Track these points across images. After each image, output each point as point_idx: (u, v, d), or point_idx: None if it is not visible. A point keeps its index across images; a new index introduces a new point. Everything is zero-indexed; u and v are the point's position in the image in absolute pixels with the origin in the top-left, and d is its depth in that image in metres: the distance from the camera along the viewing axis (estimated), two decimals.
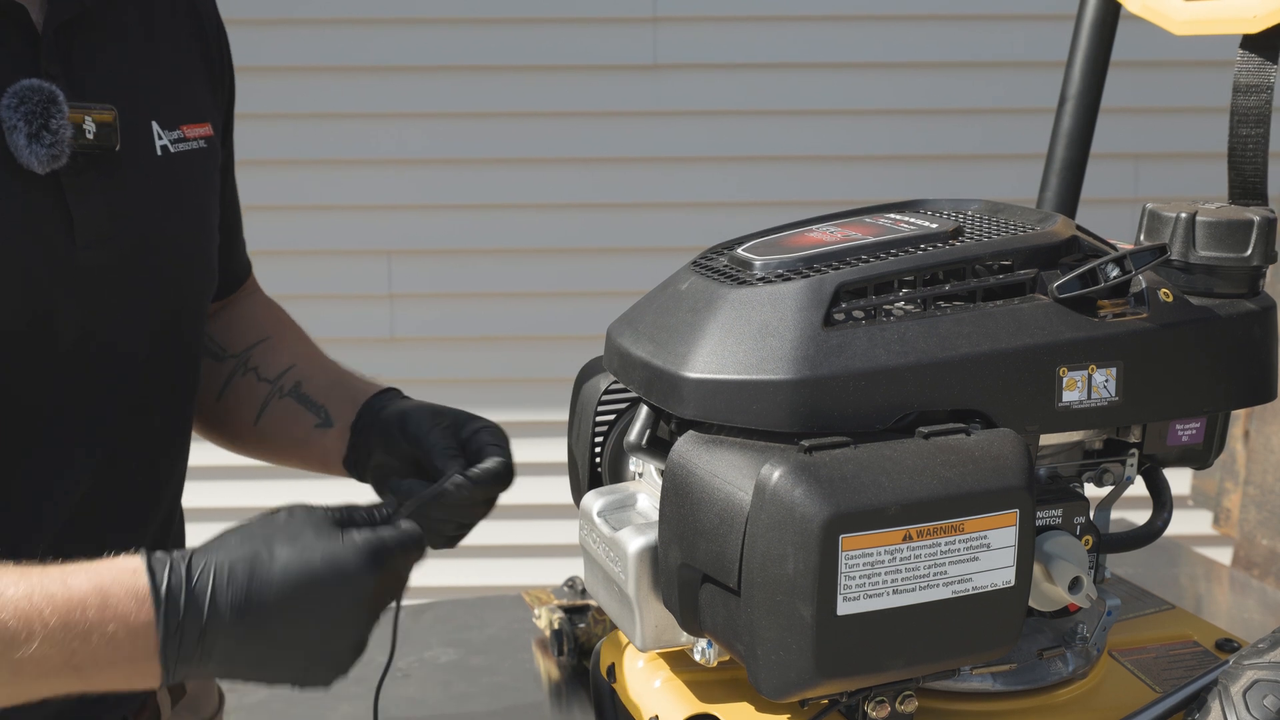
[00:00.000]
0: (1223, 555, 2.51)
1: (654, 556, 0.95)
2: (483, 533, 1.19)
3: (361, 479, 1.23)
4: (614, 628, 1.07)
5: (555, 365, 2.12)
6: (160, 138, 1.12)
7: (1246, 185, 1.08)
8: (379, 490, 1.19)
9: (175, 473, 1.21)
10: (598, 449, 1.08)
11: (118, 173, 1.07)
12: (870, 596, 0.83)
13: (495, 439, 1.14)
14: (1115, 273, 0.94)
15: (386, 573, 0.91)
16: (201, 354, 1.24)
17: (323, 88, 3.24)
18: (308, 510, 0.92)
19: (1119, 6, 1.33)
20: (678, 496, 0.91)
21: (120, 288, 1.08)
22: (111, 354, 1.09)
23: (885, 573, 0.84)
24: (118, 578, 0.86)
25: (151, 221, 1.11)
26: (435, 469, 1.11)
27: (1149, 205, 1.04)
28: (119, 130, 1.06)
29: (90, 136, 1.03)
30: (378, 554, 0.90)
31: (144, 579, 0.86)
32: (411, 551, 0.93)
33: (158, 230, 1.11)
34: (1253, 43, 1.09)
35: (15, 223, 1.00)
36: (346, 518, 0.93)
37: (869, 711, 0.92)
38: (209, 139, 1.19)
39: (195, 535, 1.07)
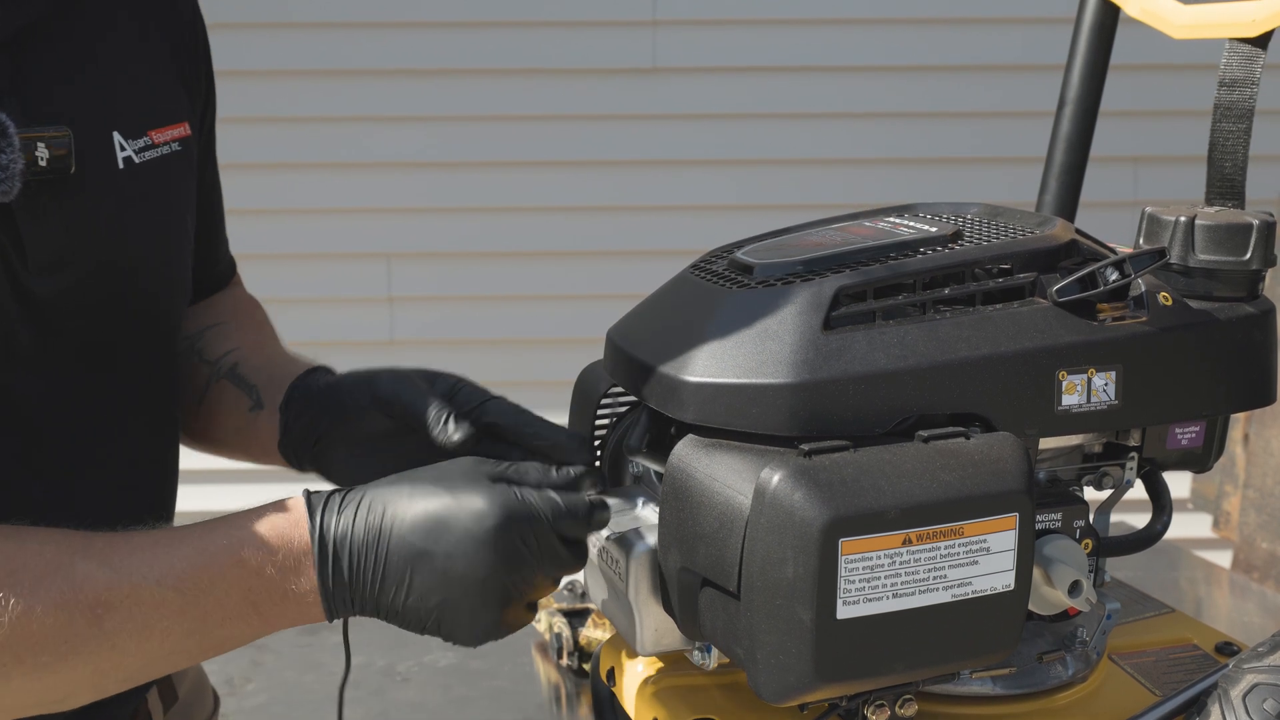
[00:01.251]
0: (1222, 558, 2.51)
1: (653, 560, 0.95)
2: None
3: (300, 467, 1.13)
4: (614, 631, 1.07)
5: (555, 368, 2.11)
6: (123, 149, 1.05)
7: (1225, 182, 1.08)
8: (327, 476, 1.11)
9: (162, 486, 1.17)
10: (597, 452, 1.08)
11: (74, 195, 0.99)
12: (870, 600, 0.83)
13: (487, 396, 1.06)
14: (1114, 276, 0.94)
15: (513, 534, 0.88)
16: (178, 368, 1.18)
17: (323, 91, 3.24)
18: (476, 461, 0.93)
19: (1118, 10, 1.33)
20: (677, 500, 0.91)
21: (83, 311, 1.02)
22: (82, 377, 1.04)
23: (885, 576, 0.83)
24: (282, 516, 0.91)
25: (112, 241, 1.04)
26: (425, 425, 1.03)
27: (1148, 209, 1.04)
28: (74, 152, 0.97)
29: (44, 164, 0.95)
30: (508, 512, 0.89)
31: (304, 513, 0.91)
32: (562, 521, 0.90)
33: (120, 249, 1.05)
34: (1242, 38, 1.10)
35: None
36: (515, 475, 0.92)
37: (869, 715, 0.92)
38: (182, 140, 1.11)
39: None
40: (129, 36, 1.10)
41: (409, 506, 0.90)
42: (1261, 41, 1.08)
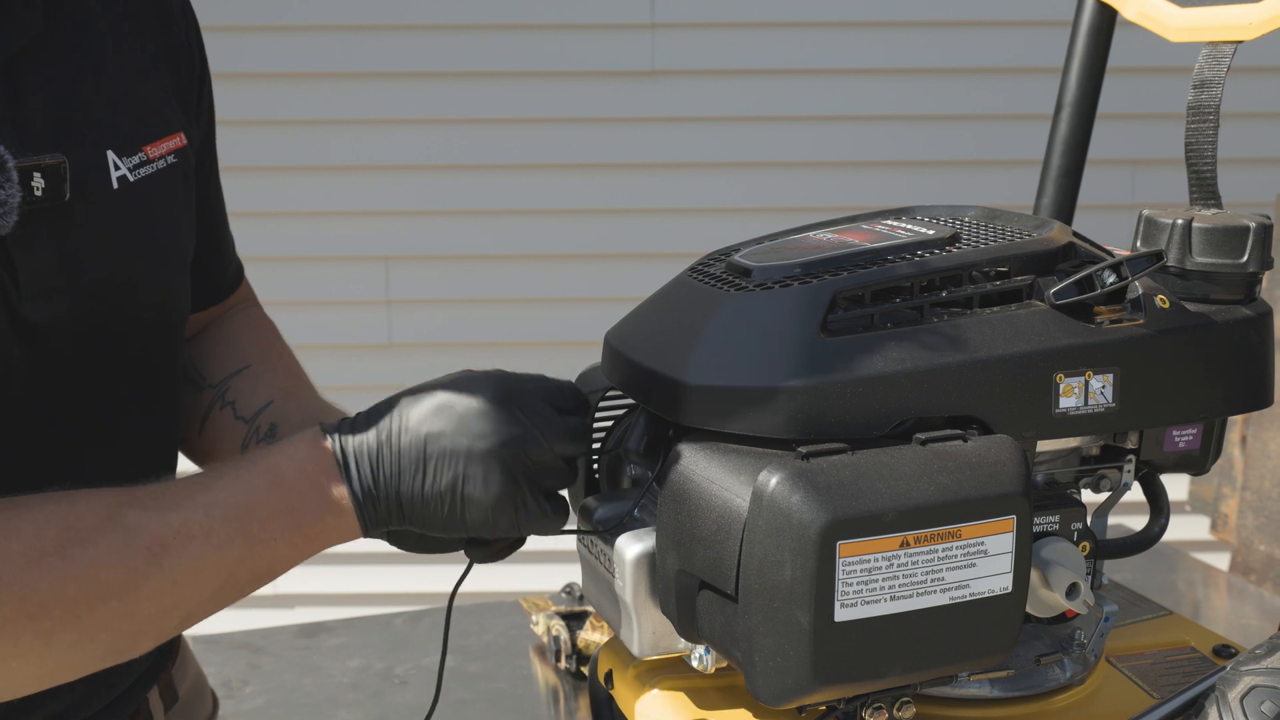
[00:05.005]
0: (1220, 561, 2.51)
1: (651, 563, 0.95)
2: None
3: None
4: (612, 634, 1.07)
5: (553, 371, 2.12)
6: (117, 168, 1.04)
7: (1203, 183, 1.08)
8: (401, 546, 1.09)
9: None
10: (595, 455, 1.08)
11: (68, 221, 0.99)
12: (868, 603, 0.83)
13: None
14: (1112, 279, 0.94)
15: (510, 404, 0.95)
16: (179, 384, 1.19)
17: (322, 94, 3.24)
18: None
19: (1115, 13, 1.33)
20: (675, 503, 0.91)
21: (78, 332, 1.02)
22: (79, 392, 1.04)
23: (882, 579, 0.84)
24: (306, 441, 0.97)
25: (107, 263, 1.04)
26: None
27: (1145, 211, 1.04)
28: (69, 177, 0.97)
29: (39, 194, 0.95)
30: (502, 387, 0.97)
31: (321, 433, 0.96)
32: (553, 394, 0.98)
33: (114, 271, 1.05)
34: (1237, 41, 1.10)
35: None
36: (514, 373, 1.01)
37: (866, 718, 0.92)
38: (178, 151, 1.11)
39: None
40: (123, 50, 1.09)
41: (415, 403, 0.96)
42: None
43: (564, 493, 1.00)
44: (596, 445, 1.08)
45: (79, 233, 1.01)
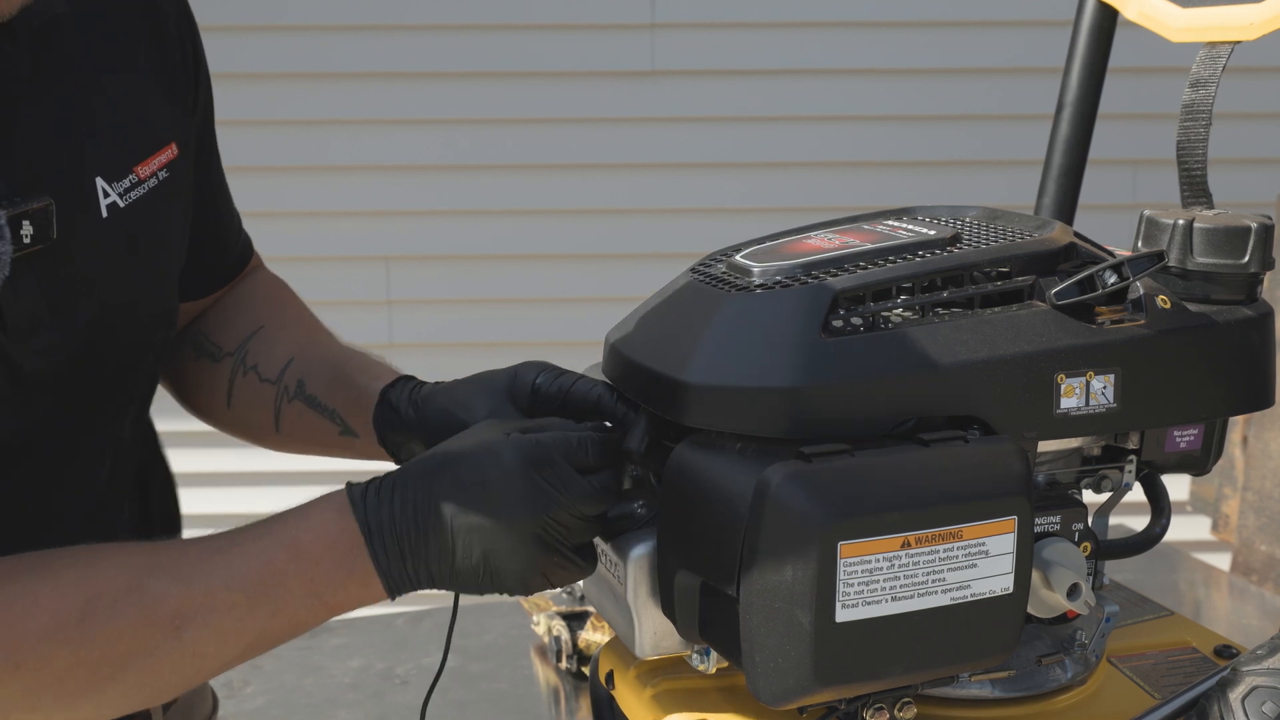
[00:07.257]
0: (1221, 561, 2.51)
1: (652, 563, 0.95)
2: None
3: None
4: (613, 634, 1.07)
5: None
6: (106, 195, 1.02)
7: (1193, 181, 1.08)
8: None
9: (145, 499, 1.18)
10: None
11: (55, 260, 0.97)
12: (869, 604, 0.83)
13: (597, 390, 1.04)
14: (1113, 279, 0.94)
15: (533, 477, 0.92)
16: (151, 395, 1.18)
17: (322, 94, 3.24)
18: (495, 422, 1.00)
19: (1116, 13, 1.33)
20: (676, 503, 0.91)
21: (65, 360, 1.01)
22: (50, 419, 1.03)
23: (884, 580, 0.84)
24: (330, 508, 0.95)
25: (98, 291, 1.02)
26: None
27: (1147, 211, 1.04)
28: (55, 219, 0.95)
29: (28, 241, 0.94)
30: (523, 457, 0.93)
31: (347, 503, 0.94)
32: (574, 453, 0.94)
33: (103, 301, 1.03)
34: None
35: None
36: (534, 426, 0.98)
37: (867, 718, 0.92)
38: (170, 164, 1.09)
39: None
40: (113, 70, 1.06)
41: (440, 478, 0.93)
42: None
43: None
44: None
45: (66, 271, 0.99)
